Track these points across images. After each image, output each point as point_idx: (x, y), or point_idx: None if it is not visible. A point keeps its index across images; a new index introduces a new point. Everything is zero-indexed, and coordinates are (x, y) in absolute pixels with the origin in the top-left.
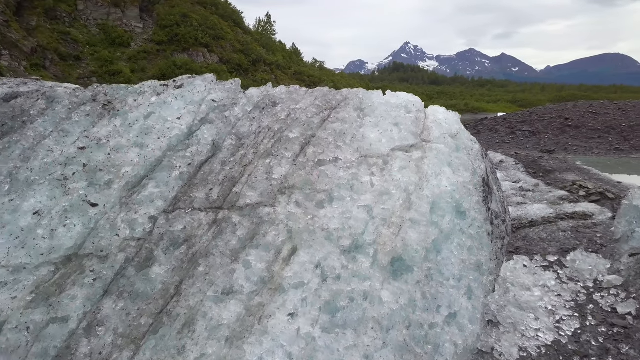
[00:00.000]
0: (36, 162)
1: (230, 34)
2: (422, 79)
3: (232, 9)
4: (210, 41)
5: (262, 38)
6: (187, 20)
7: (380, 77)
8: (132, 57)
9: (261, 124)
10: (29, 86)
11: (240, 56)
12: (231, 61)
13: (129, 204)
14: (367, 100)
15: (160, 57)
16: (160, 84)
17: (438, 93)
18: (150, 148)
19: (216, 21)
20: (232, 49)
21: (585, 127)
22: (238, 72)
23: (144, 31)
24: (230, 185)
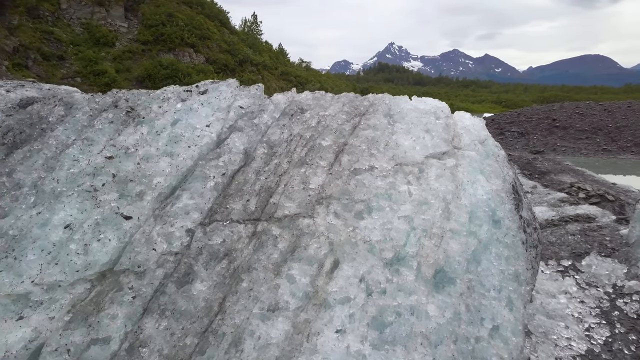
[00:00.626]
0: (62, 172)
1: (217, 34)
2: (407, 80)
3: (218, 9)
4: (197, 41)
5: (248, 38)
6: (173, 19)
7: (366, 78)
8: (117, 57)
9: (292, 131)
10: (43, 91)
11: (226, 56)
12: (218, 61)
13: (163, 217)
14: (395, 106)
15: (146, 57)
16: (183, 90)
17: (423, 94)
18: (182, 157)
19: (202, 21)
20: (218, 49)
21: (572, 127)
22: (225, 72)
23: (129, 31)
24: (266, 195)
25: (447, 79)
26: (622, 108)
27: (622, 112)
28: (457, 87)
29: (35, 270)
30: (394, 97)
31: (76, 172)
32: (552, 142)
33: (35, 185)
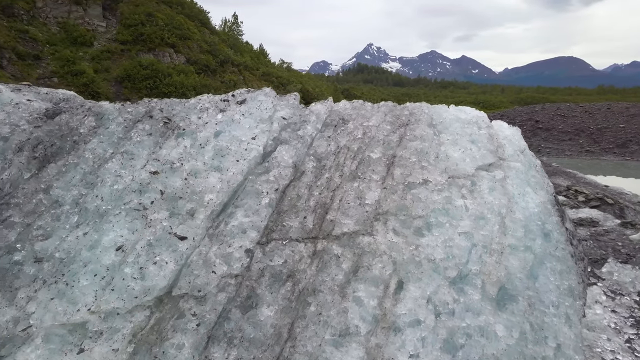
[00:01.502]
0: (105, 189)
1: (197, 34)
2: (386, 81)
3: (198, 9)
4: (177, 41)
5: (229, 39)
6: (153, 19)
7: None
8: (95, 56)
9: (339, 143)
10: (68, 100)
11: (207, 57)
12: (198, 62)
13: (218, 236)
14: (437, 116)
15: (125, 57)
16: (220, 99)
17: (403, 95)
18: (231, 172)
19: (182, 21)
20: (199, 50)
21: (555, 129)
22: (206, 72)
23: (107, 30)
24: (322, 212)
25: (425, 80)
26: (602, 110)
27: (602, 114)
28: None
29: (90, 297)
30: (433, 107)
31: (120, 188)
32: (536, 144)
33: (77, 203)
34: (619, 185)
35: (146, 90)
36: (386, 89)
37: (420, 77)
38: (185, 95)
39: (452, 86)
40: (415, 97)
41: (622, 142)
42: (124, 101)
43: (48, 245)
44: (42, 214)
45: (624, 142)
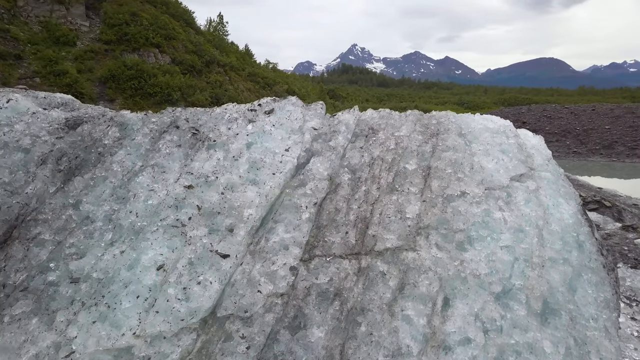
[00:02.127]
0: (138, 204)
1: (182, 34)
2: (371, 81)
3: (183, 9)
4: (162, 41)
5: (214, 39)
6: (137, 19)
7: (330, 79)
8: (79, 56)
9: (372, 154)
10: (86, 109)
11: (193, 57)
12: (184, 62)
13: (260, 253)
14: (465, 125)
15: (109, 57)
16: (247, 109)
17: (387, 95)
18: (268, 185)
19: (167, 21)
20: (184, 50)
21: (542, 130)
22: (191, 73)
23: (91, 30)
24: (363, 226)
25: (409, 80)
26: (587, 111)
27: (587, 115)
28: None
29: (134, 320)
30: (460, 116)
31: (155, 203)
32: None
33: (110, 219)
34: (606, 186)
35: (131, 91)
36: (371, 89)
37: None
38: (171, 95)
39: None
40: (400, 97)
41: (608, 143)
42: (109, 101)
43: (84, 265)
44: (74, 231)
45: (610, 143)
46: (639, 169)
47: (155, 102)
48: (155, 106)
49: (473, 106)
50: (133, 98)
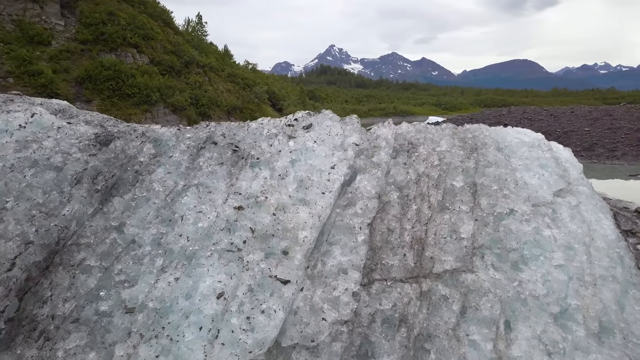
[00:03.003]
0: (188, 227)
1: (161, 34)
2: (349, 82)
3: (161, 8)
4: (140, 41)
5: (193, 39)
6: (114, 18)
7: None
8: (54, 56)
9: (417, 171)
10: (113, 124)
11: (172, 57)
12: (163, 62)
13: (320, 277)
14: (501, 139)
15: (86, 57)
16: (285, 124)
17: (366, 96)
18: (320, 205)
19: (145, 20)
20: (163, 50)
21: None
22: (170, 73)
23: (66, 29)
24: (420, 248)
25: (387, 81)
26: (567, 114)
27: (566, 118)
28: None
29: (199, 353)
30: (493, 129)
31: (206, 226)
32: None
33: (159, 244)
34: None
35: (108, 92)
36: (349, 90)
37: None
38: (150, 96)
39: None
40: (378, 99)
41: (588, 145)
42: (86, 102)
43: (137, 293)
44: (121, 256)
45: (590, 145)
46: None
47: (134, 103)
48: (134, 107)
49: (450, 107)
50: (111, 99)
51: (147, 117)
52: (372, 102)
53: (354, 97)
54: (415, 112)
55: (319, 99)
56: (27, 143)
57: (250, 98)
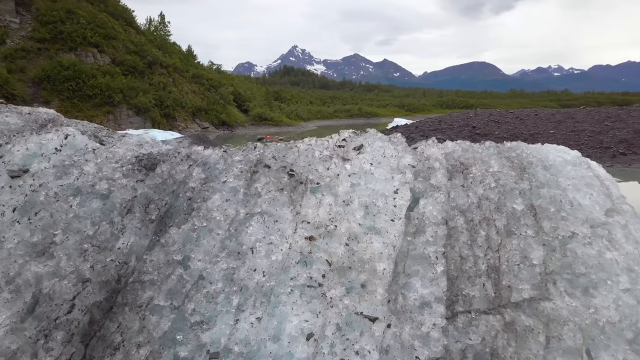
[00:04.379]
0: (260, 261)
1: (123, 34)
2: (313, 83)
3: (122, 7)
4: (101, 40)
5: (156, 39)
6: (73, 17)
7: (272, 80)
8: (8, 55)
9: (476, 193)
10: (150, 143)
11: (134, 57)
12: (125, 63)
13: (404, 312)
14: (544, 157)
15: (43, 57)
16: (335, 145)
17: (331, 98)
18: (392, 234)
19: (106, 19)
20: (125, 50)
21: (492, 135)
22: (133, 74)
23: (22, 27)
24: (496, 276)
25: (351, 83)
26: (531, 116)
27: (531, 120)
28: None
29: None
30: (532, 147)
31: (280, 259)
32: None
33: (231, 279)
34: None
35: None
36: (314, 91)
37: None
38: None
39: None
40: (343, 100)
41: None
42: (44, 103)
43: (218, 335)
44: (191, 294)
45: None
46: None
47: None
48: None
49: (413, 109)
50: (71, 100)
51: (109, 119)
52: (337, 104)
53: (318, 98)
54: (380, 114)
55: (285, 100)
56: (65, 168)
57: (215, 99)
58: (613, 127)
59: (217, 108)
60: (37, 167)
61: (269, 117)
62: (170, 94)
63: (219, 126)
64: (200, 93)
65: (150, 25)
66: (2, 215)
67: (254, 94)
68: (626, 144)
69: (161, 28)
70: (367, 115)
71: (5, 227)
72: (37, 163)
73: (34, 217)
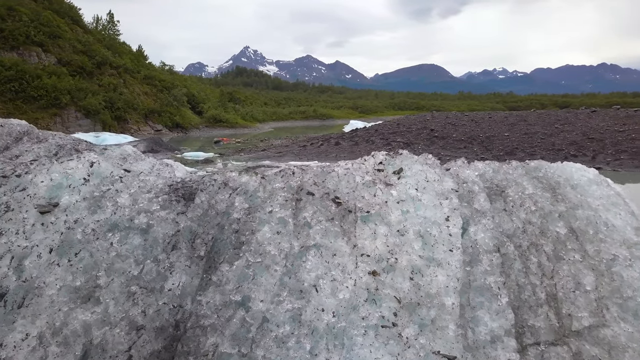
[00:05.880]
0: (327, 300)
1: (69, 33)
2: (266, 84)
3: (68, 5)
4: (45, 39)
5: (105, 38)
6: (15, 14)
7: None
8: None
9: (519, 217)
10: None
11: (82, 57)
12: (72, 63)
13: (477, 348)
14: (569, 176)
15: None
16: (373, 168)
17: (285, 99)
18: (453, 265)
19: (50, 17)
20: (72, 50)
21: (450, 137)
22: (81, 75)
23: None
24: (555, 305)
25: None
26: (485, 119)
27: (486, 123)
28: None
29: None
30: (553, 166)
31: (347, 297)
32: (435, 152)
33: (298, 321)
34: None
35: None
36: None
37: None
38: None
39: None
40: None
41: (510, 150)
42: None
43: None
44: (258, 339)
45: (512, 149)
46: None
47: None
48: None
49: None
50: (13, 102)
51: (56, 122)
52: (292, 105)
53: (272, 99)
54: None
55: (239, 101)
56: (97, 201)
57: (169, 101)
58: (563, 130)
59: (170, 110)
60: (67, 200)
61: (224, 118)
62: (121, 95)
63: (172, 128)
64: (152, 95)
65: (98, 24)
66: (39, 257)
67: (207, 96)
68: (576, 146)
69: (110, 27)
70: (322, 117)
71: (44, 271)
72: (67, 196)
73: (74, 258)
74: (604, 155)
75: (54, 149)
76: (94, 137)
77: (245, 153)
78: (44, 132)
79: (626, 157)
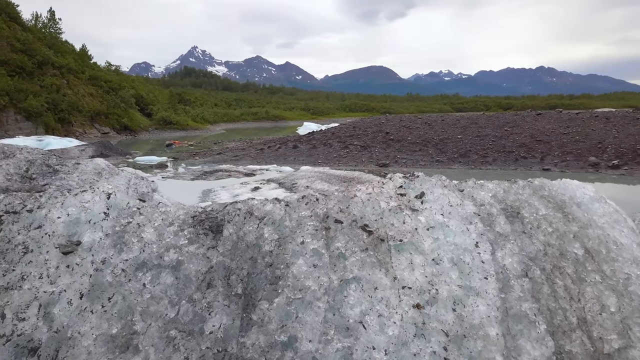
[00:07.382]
0: (375, 337)
1: (6, 30)
2: (216, 85)
3: (4, 1)
4: None
5: (45, 37)
6: None
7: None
8: None
9: (539, 239)
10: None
11: (21, 57)
12: (10, 62)
13: None
14: (572, 194)
15: None
16: (395, 193)
17: (236, 100)
18: (490, 294)
19: None
20: (10, 48)
21: (405, 140)
22: (20, 75)
23: None
24: (586, 328)
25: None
26: (438, 121)
27: (439, 125)
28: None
29: None
30: (554, 184)
31: (396, 334)
32: (392, 155)
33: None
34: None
35: None
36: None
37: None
38: None
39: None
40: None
41: (463, 152)
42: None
43: None
44: None
45: (465, 152)
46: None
47: None
48: None
49: (319, 112)
50: None
51: None
52: (243, 106)
53: (223, 100)
54: (287, 117)
55: (189, 102)
56: (120, 237)
57: (116, 102)
58: (512, 132)
59: (118, 112)
60: (90, 238)
61: (174, 120)
62: (64, 97)
63: (120, 131)
64: (98, 96)
65: (38, 21)
66: (69, 303)
67: (156, 97)
68: (526, 148)
69: (51, 25)
70: (274, 119)
71: (77, 319)
72: (89, 232)
73: (107, 303)
74: (551, 157)
75: (24, 165)
76: (37, 140)
77: (200, 157)
78: (9, 146)
79: (572, 158)
